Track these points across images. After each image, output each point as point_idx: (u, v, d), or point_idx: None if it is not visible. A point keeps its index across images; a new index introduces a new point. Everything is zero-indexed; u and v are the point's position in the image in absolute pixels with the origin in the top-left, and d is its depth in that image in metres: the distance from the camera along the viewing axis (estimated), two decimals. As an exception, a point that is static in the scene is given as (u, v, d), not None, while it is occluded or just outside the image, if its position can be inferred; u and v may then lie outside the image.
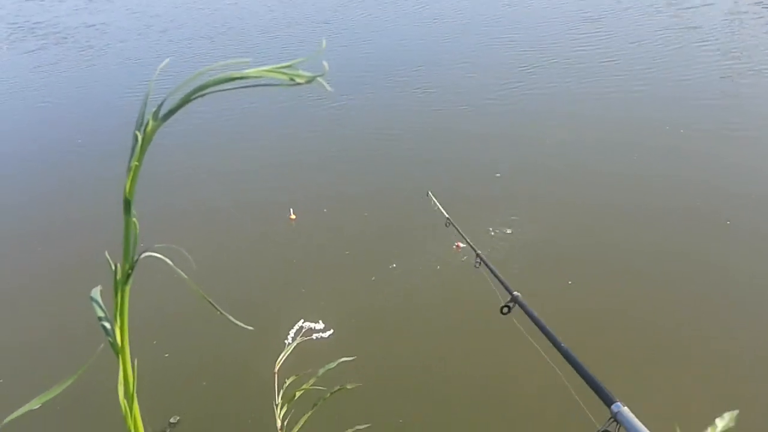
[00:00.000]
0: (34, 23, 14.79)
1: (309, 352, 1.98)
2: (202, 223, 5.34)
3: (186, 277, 0.64)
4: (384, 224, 4.87)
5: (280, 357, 1.87)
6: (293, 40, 11.16)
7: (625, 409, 1.48)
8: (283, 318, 1.94)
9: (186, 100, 0.55)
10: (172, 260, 0.66)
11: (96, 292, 0.71)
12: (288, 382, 1.87)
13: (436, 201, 3.20)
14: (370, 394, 2.91)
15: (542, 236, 4.64)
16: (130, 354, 0.65)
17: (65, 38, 13.25)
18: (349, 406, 2.59)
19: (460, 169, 5.81)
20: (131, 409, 0.69)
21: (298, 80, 0.53)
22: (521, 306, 2.05)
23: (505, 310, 2.07)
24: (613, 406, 1.50)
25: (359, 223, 4.98)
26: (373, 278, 4.21)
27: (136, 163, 0.56)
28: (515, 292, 2.10)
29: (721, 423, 0.61)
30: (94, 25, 14.12)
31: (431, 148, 6.40)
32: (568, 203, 5.14)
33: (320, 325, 1.95)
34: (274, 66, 0.53)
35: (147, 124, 0.55)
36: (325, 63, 0.52)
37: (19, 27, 14.68)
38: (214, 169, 6.47)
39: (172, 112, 0.55)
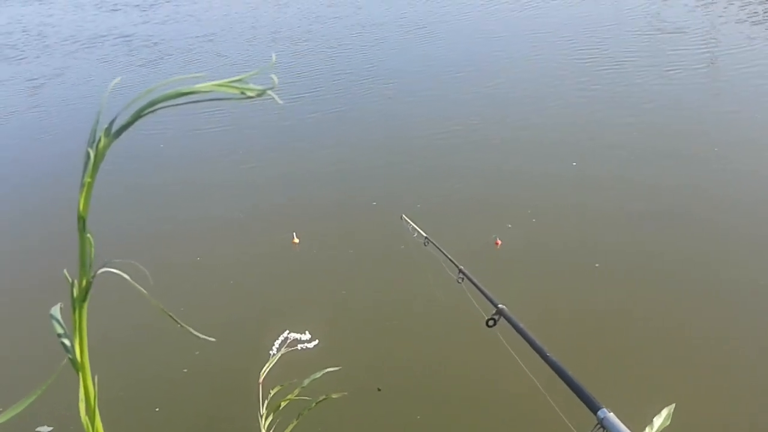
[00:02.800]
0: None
1: (295, 362, 1.97)
2: (187, 238, 5.33)
3: (144, 291, 0.64)
4: (368, 239, 4.85)
5: (265, 367, 1.86)
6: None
7: (611, 415, 1.48)
8: (271, 330, 1.93)
9: (137, 116, 0.54)
10: (132, 275, 0.65)
11: (56, 310, 0.70)
12: (273, 392, 1.86)
13: (411, 222, 3.24)
14: (356, 405, 2.90)
15: (528, 242, 4.65)
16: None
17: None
18: (335, 417, 2.58)
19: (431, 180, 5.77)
20: (93, 425, 0.68)
21: (249, 94, 0.53)
22: (507, 318, 2.04)
23: (491, 323, 2.07)
24: (599, 413, 1.50)
25: (345, 239, 4.96)
26: (359, 291, 4.22)
27: (89, 179, 0.56)
28: (500, 305, 2.10)
29: (658, 421, 0.61)
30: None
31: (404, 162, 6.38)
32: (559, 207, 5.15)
33: (306, 336, 1.95)
34: (225, 80, 0.53)
35: (99, 141, 0.55)
36: (274, 76, 0.52)
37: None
38: (208, 182, 6.46)
39: (123, 128, 0.55)
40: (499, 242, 4.35)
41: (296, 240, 4.69)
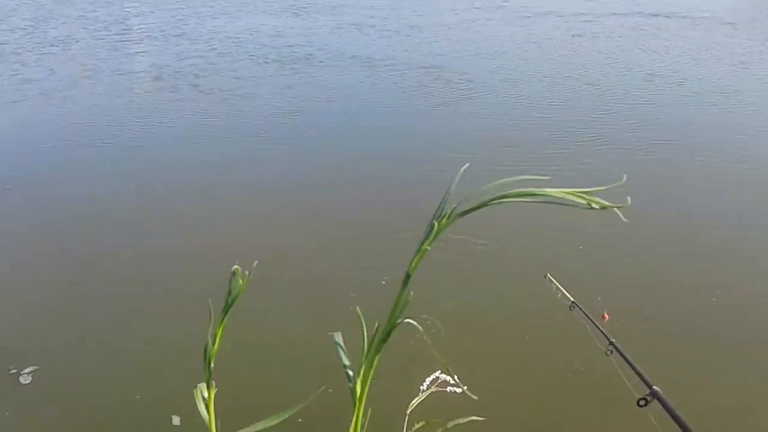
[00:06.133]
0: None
1: (440, 405, 2.02)
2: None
3: (433, 348, 0.71)
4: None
5: (414, 401, 1.92)
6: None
7: None
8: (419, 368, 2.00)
9: (482, 205, 0.61)
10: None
11: (338, 337, 0.80)
12: (417, 426, 1.92)
13: (556, 282, 3.17)
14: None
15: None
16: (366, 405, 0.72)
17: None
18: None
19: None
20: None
21: (595, 206, 0.58)
22: (661, 402, 1.95)
23: (642, 402, 1.99)
24: None
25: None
26: (503, 350, 4.18)
27: (427, 247, 0.64)
28: (654, 387, 2.01)
29: None
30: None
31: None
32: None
33: (455, 380, 1.99)
34: (575, 190, 0.59)
35: (444, 217, 0.63)
36: (629, 198, 0.56)
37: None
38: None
39: (466, 212, 0.63)
40: (607, 316, 4.13)
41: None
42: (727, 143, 7.74)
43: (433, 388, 2.00)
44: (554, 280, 3.27)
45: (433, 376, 2.02)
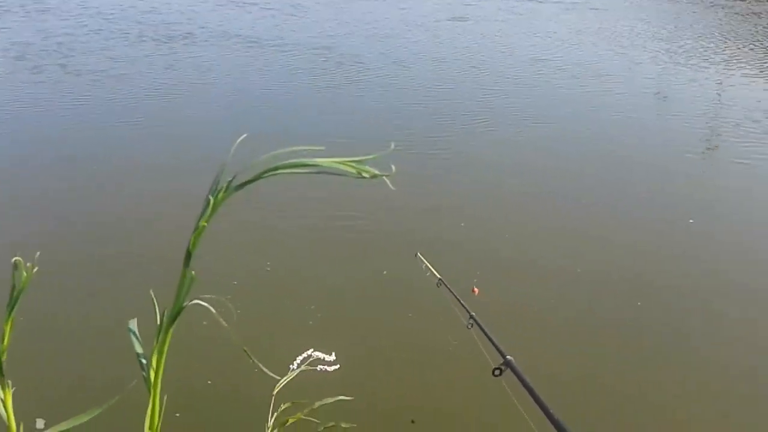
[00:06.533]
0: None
1: (313, 384, 2.00)
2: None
3: (226, 325, 0.68)
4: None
5: (281, 381, 1.89)
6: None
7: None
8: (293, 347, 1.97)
9: (257, 177, 0.59)
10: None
11: (133, 324, 0.75)
12: (283, 407, 1.90)
13: (425, 261, 3.27)
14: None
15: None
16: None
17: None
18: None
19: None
20: (154, 439, 0.73)
21: (365, 175, 0.58)
22: (513, 371, 2.06)
23: (497, 372, 2.09)
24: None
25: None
26: (369, 326, 4.26)
27: (204, 223, 0.61)
28: (508, 356, 2.12)
29: None
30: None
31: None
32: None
33: (331, 357, 1.98)
34: (345, 159, 0.58)
35: (220, 191, 0.60)
36: (393, 166, 0.56)
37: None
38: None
39: (243, 185, 0.60)
40: (476, 290, 4.32)
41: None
42: (604, 125, 8.19)
43: (303, 367, 1.98)
44: (423, 259, 3.36)
45: (304, 355, 2.00)
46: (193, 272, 0.63)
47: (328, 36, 12.06)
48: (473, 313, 2.54)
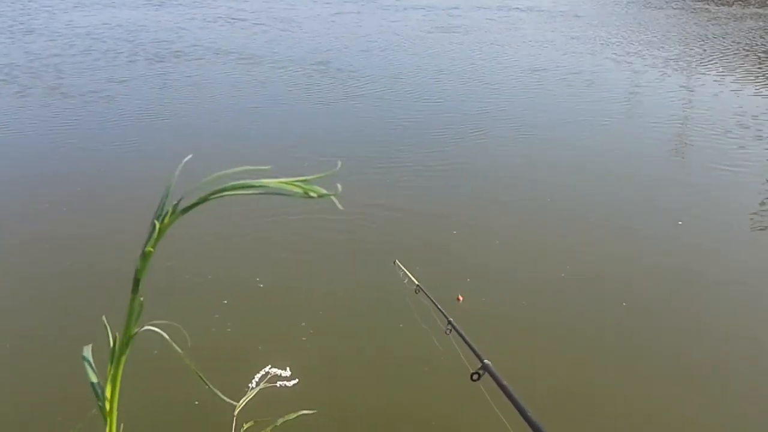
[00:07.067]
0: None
1: (275, 401, 1.98)
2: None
3: (180, 351, 0.68)
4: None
5: (242, 401, 1.86)
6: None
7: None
8: (252, 364, 1.95)
9: (203, 200, 0.59)
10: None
11: (88, 351, 0.74)
12: (246, 426, 1.87)
13: (403, 268, 3.29)
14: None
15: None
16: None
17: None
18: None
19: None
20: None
21: (312, 195, 0.58)
22: (491, 374, 2.07)
23: (475, 377, 2.10)
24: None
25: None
26: (346, 334, 4.23)
27: (151, 249, 0.60)
28: (486, 360, 2.13)
29: None
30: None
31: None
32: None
33: (287, 373, 1.96)
34: (292, 180, 0.58)
35: (166, 215, 0.60)
36: (339, 185, 0.57)
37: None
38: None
39: (189, 208, 0.60)
40: (461, 297, 4.38)
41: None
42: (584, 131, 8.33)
43: (262, 385, 1.96)
44: (402, 266, 3.37)
45: (263, 372, 1.98)
46: (141, 298, 0.62)
47: (324, 51, 12.15)
48: (451, 319, 2.55)
